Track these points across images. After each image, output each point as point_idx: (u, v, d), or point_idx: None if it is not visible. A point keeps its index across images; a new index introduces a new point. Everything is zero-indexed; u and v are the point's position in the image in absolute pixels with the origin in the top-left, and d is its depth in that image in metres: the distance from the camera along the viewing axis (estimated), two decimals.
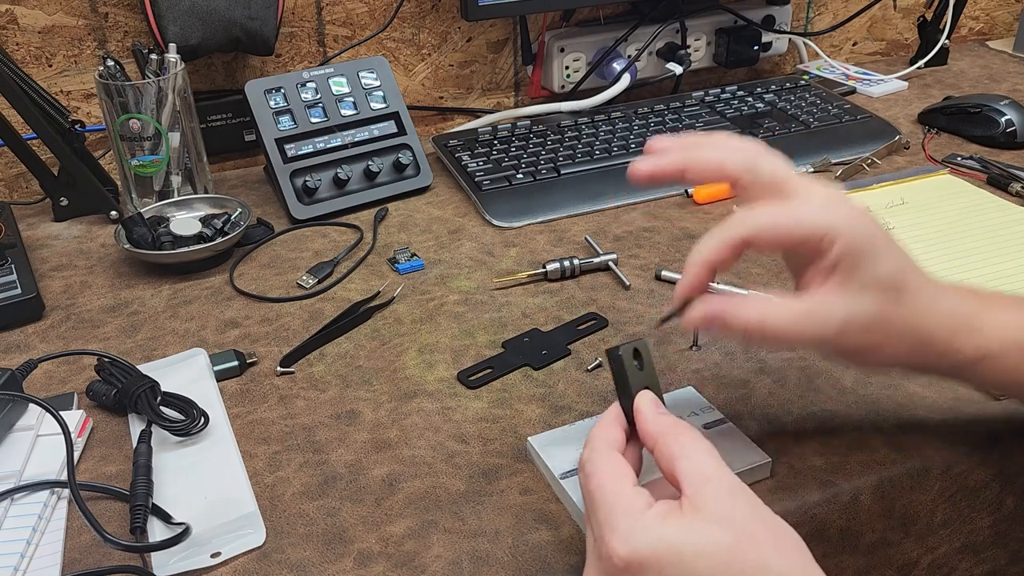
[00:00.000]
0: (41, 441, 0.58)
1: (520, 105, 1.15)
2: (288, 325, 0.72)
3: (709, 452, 0.43)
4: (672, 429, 0.44)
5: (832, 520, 0.53)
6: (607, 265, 0.77)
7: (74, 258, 0.84)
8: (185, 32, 0.90)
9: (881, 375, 0.62)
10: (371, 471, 0.56)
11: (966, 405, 0.59)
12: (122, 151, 0.87)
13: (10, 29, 0.91)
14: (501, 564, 0.49)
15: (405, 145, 0.93)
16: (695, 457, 0.43)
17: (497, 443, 0.58)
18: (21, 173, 0.98)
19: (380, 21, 1.05)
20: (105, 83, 0.84)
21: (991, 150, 0.96)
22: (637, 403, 0.47)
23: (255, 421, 0.61)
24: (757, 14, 1.16)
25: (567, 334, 0.69)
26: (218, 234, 0.81)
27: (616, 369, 0.48)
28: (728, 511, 0.41)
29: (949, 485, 0.56)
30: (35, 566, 0.50)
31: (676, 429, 0.44)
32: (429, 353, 0.67)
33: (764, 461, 0.53)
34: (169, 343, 0.70)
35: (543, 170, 0.92)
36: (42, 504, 0.53)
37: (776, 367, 0.63)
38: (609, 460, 0.44)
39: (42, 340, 0.71)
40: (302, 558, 0.50)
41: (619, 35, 1.09)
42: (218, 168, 1.04)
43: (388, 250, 0.82)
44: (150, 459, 0.56)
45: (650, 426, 0.45)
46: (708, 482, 0.42)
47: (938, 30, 1.20)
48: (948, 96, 1.08)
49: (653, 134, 0.98)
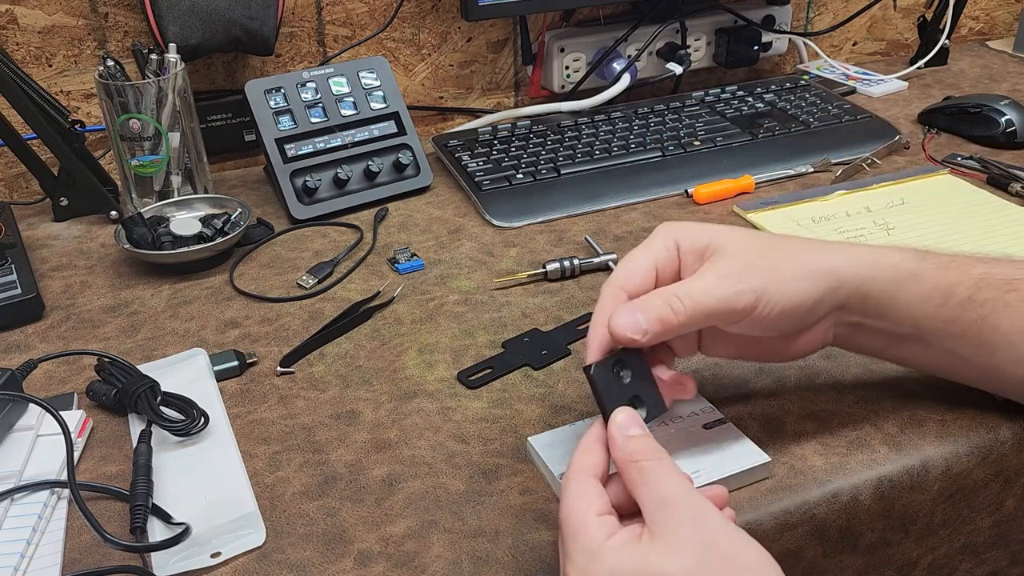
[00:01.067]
0: (41, 441, 0.58)
1: (520, 105, 1.15)
2: (288, 325, 0.72)
3: (670, 476, 0.43)
4: (635, 455, 0.44)
5: (832, 520, 0.53)
6: (607, 265, 0.77)
7: (74, 258, 0.84)
8: (185, 32, 0.90)
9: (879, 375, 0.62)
10: (371, 471, 0.56)
11: (966, 405, 0.59)
12: (122, 151, 0.87)
13: (10, 29, 0.91)
14: (501, 564, 0.49)
15: (405, 145, 0.93)
16: (655, 482, 0.42)
17: (497, 443, 0.58)
18: (21, 173, 0.98)
19: (380, 21, 1.05)
20: (105, 83, 0.84)
21: (991, 150, 0.96)
22: (609, 427, 0.46)
23: (255, 421, 0.61)
24: (757, 14, 1.16)
25: (567, 334, 0.69)
26: (218, 234, 0.81)
27: (592, 388, 0.47)
28: (687, 538, 0.40)
29: (949, 485, 0.56)
30: (35, 566, 0.50)
31: (638, 454, 0.44)
32: (429, 353, 0.67)
33: (764, 461, 0.53)
34: (169, 343, 0.70)
35: (543, 170, 0.92)
36: (42, 504, 0.53)
37: (776, 367, 0.63)
38: (578, 488, 0.44)
39: (42, 340, 0.71)
40: (302, 558, 0.50)
41: (619, 35, 1.09)
42: (218, 168, 1.04)
43: (388, 250, 0.82)
44: (150, 459, 0.56)
45: (616, 453, 0.45)
46: (665, 508, 0.41)
47: (938, 30, 1.20)
48: (948, 96, 1.08)
49: (653, 134, 0.98)
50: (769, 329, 0.52)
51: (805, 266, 0.51)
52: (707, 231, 0.52)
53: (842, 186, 0.89)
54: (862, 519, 0.54)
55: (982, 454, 0.56)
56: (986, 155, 0.94)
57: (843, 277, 0.52)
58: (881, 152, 0.96)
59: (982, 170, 0.91)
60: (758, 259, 0.51)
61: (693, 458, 0.53)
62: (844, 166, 0.93)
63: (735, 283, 0.49)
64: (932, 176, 0.90)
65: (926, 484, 0.55)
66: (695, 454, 0.54)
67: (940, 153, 0.96)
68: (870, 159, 0.94)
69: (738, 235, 0.52)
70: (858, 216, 0.83)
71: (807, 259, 0.52)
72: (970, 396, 0.59)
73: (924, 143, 0.99)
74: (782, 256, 0.52)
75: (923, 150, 0.98)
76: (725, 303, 0.49)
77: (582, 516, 0.43)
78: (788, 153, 0.96)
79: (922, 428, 0.57)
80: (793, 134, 0.99)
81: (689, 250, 0.51)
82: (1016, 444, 0.57)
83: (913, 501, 0.55)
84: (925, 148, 0.98)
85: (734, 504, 0.52)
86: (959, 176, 0.91)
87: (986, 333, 0.52)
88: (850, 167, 0.93)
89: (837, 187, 0.88)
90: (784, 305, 0.50)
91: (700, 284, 0.50)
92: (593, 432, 0.47)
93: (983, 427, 0.57)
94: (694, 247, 0.51)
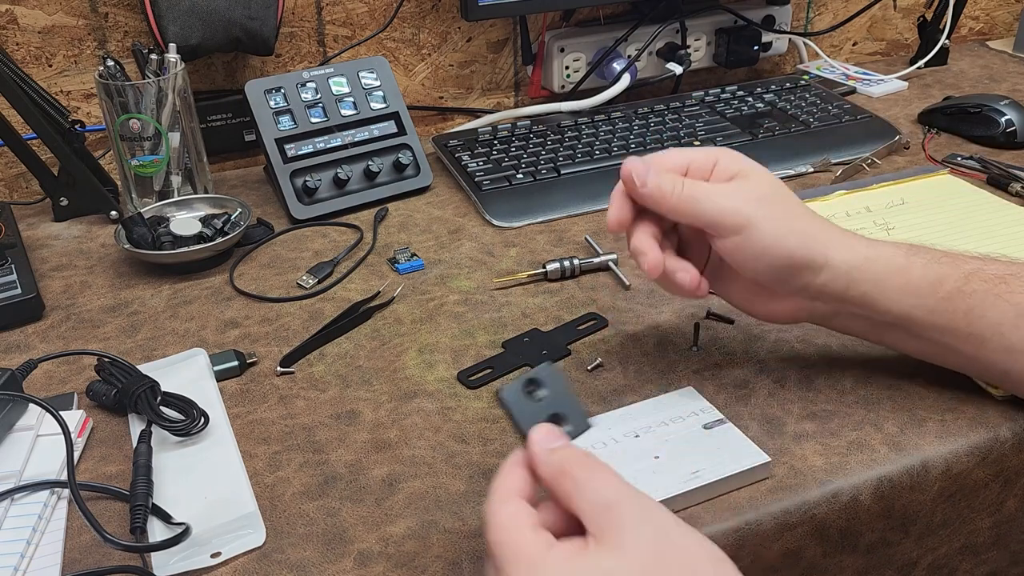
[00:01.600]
0: (41, 441, 0.58)
1: (520, 105, 1.15)
2: (288, 325, 0.72)
3: (607, 479, 0.40)
4: (563, 465, 0.41)
5: (832, 520, 0.53)
6: (607, 265, 0.77)
7: (74, 258, 0.84)
8: (185, 32, 0.90)
9: (879, 375, 0.62)
10: (371, 471, 0.56)
11: (966, 405, 0.59)
12: (122, 151, 0.87)
13: (10, 29, 0.91)
14: None
15: (405, 145, 0.93)
16: (591, 488, 0.40)
17: (497, 443, 0.58)
18: (21, 173, 0.98)
19: (380, 21, 1.05)
20: (105, 83, 0.84)
21: (991, 150, 0.96)
22: (528, 445, 0.42)
23: (255, 421, 0.61)
24: (757, 14, 1.16)
25: (567, 334, 0.69)
26: (218, 234, 0.81)
27: (505, 411, 0.44)
28: (634, 538, 0.38)
29: (949, 485, 0.56)
30: (35, 566, 0.50)
31: (567, 464, 0.41)
32: (429, 353, 0.67)
33: (764, 461, 0.53)
34: (169, 343, 0.70)
35: (543, 170, 0.92)
36: (42, 504, 0.53)
37: (776, 367, 0.63)
38: (503, 507, 0.40)
39: (42, 340, 0.71)
40: (302, 558, 0.50)
41: (619, 35, 1.09)
42: (218, 168, 1.04)
43: (388, 250, 0.82)
44: (150, 459, 0.56)
45: (541, 469, 0.41)
46: (608, 511, 0.39)
47: (938, 30, 1.20)
48: (948, 96, 1.08)
49: (653, 134, 0.98)
50: (746, 265, 0.55)
51: (804, 232, 0.54)
52: (746, 161, 0.56)
53: (842, 186, 0.89)
54: (862, 519, 0.54)
55: (982, 454, 0.56)
56: (986, 155, 0.94)
57: (832, 263, 0.54)
58: (881, 152, 0.95)
59: (982, 170, 0.91)
60: (769, 198, 0.54)
61: (692, 458, 0.53)
62: (844, 166, 0.93)
63: (735, 202, 0.53)
64: (932, 176, 0.90)
65: (926, 484, 0.55)
66: (695, 454, 0.54)
67: (940, 153, 0.96)
68: (870, 159, 0.94)
69: (768, 176, 0.56)
70: (858, 216, 0.83)
71: (810, 229, 0.55)
72: (970, 396, 0.59)
73: (924, 143, 0.99)
74: (791, 211, 0.55)
75: (923, 150, 0.98)
76: (717, 213, 0.53)
77: (516, 533, 0.39)
78: (788, 153, 0.96)
79: (922, 428, 0.57)
80: (793, 134, 0.99)
81: (724, 167, 0.55)
82: (1016, 444, 0.57)
83: (913, 501, 0.55)
84: (925, 148, 0.98)
85: (734, 504, 0.52)
86: (959, 176, 0.91)
87: (974, 323, 0.54)
88: (850, 167, 0.93)
89: (837, 187, 0.88)
90: (766, 245, 0.53)
91: (706, 187, 0.54)
92: (512, 457, 0.43)
93: (983, 427, 0.57)
94: (728, 168, 0.55)
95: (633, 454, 0.54)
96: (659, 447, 0.55)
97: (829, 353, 0.64)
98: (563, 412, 0.44)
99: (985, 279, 0.54)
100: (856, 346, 0.65)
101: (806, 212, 0.56)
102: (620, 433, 0.56)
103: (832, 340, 0.66)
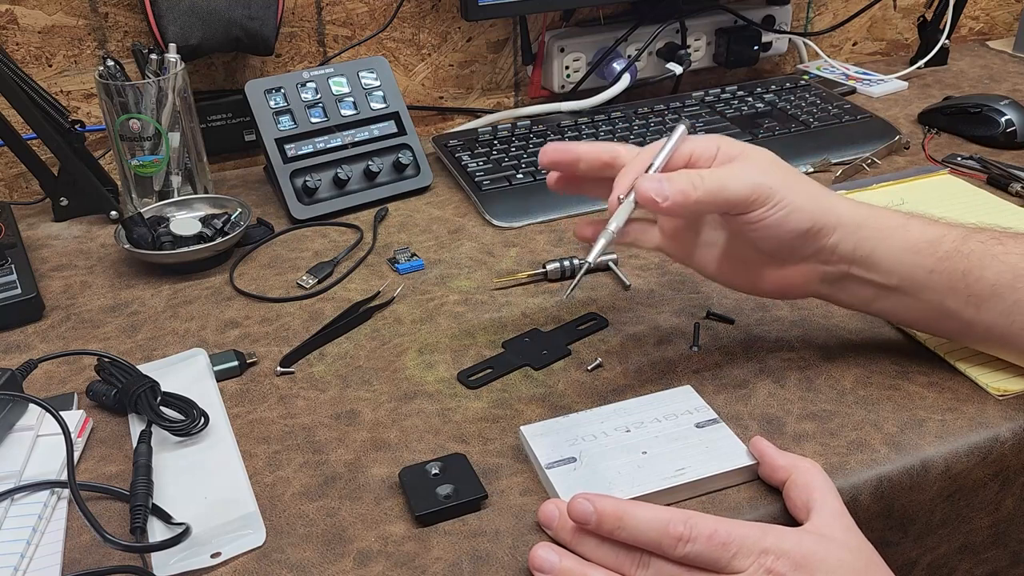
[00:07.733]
0: (41, 441, 0.58)
1: (520, 105, 1.15)
2: (288, 325, 0.72)
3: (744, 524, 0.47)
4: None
5: None
6: (607, 265, 0.77)
7: (74, 258, 0.84)
8: (185, 32, 0.90)
9: (879, 375, 0.62)
10: (371, 471, 0.56)
11: (966, 405, 0.59)
12: (122, 151, 0.87)
13: (10, 29, 0.92)
14: (501, 564, 0.49)
15: (405, 145, 0.93)
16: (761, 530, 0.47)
17: (497, 443, 0.58)
18: (21, 173, 0.98)
19: (380, 21, 1.05)
20: (105, 83, 0.84)
21: (991, 150, 0.96)
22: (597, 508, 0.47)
23: (255, 421, 0.61)
24: (757, 14, 1.16)
25: (567, 334, 0.69)
26: (218, 234, 0.81)
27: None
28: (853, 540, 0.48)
29: (948, 485, 0.56)
30: (35, 566, 0.50)
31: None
32: (429, 353, 0.68)
33: (750, 463, 0.53)
34: (169, 343, 0.70)
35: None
36: (42, 504, 0.53)
37: (776, 367, 0.63)
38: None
39: (42, 340, 0.71)
40: (302, 558, 0.50)
41: (619, 35, 1.09)
42: (218, 168, 1.04)
43: (388, 250, 0.82)
44: (150, 459, 0.56)
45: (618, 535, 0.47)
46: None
47: (938, 30, 1.20)
48: (948, 96, 1.08)
49: (653, 134, 0.98)
50: (769, 233, 0.56)
51: (816, 196, 0.57)
52: (742, 143, 0.58)
53: (842, 186, 0.89)
54: (862, 519, 0.54)
55: (982, 454, 0.56)
56: (986, 155, 0.94)
57: (842, 220, 0.57)
58: (881, 152, 0.96)
59: (982, 170, 0.91)
60: (779, 170, 0.57)
61: (680, 455, 0.54)
62: (844, 166, 0.93)
63: (757, 177, 0.55)
64: (932, 176, 0.90)
65: (926, 484, 0.55)
66: (683, 451, 0.54)
67: (940, 153, 0.96)
68: (870, 159, 0.94)
69: (768, 152, 0.58)
70: None
71: (819, 193, 0.57)
72: (970, 396, 0.59)
73: (924, 143, 0.99)
74: (799, 179, 0.57)
75: (923, 150, 0.98)
76: (746, 189, 0.54)
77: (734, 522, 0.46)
78: (788, 153, 0.94)
79: (922, 428, 0.57)
80: (793, 134, 0.99)
81: (726, 152, 0.57)
82: (1016, 444, 0.57)
83: (912, 501, 0.55)
84: (925, 148, 0.98)
85: (734, 504, 0.52)
86: (959, 176, 0.91)
87: (972, 285, 0.55)
88: (850, 167, 0.93)
89: (837, 187, 0.88)
90: (791, 210, 0.55)
91: (722, 170, 0.56)
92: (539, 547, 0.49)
93: (983, 427, 0.57)
94: (730, 152, 0.57)
95: (621, 448, 0.54)
96: (648, 443, 0.55)
97: (829, 353, 0.64)
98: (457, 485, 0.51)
99: (982, 240, 0.56)
100: (856, 347, 0.65)
101: (810, 179, 0.58)
102: (611, 427, 0.56)
103: (832, 340, 0.66)
